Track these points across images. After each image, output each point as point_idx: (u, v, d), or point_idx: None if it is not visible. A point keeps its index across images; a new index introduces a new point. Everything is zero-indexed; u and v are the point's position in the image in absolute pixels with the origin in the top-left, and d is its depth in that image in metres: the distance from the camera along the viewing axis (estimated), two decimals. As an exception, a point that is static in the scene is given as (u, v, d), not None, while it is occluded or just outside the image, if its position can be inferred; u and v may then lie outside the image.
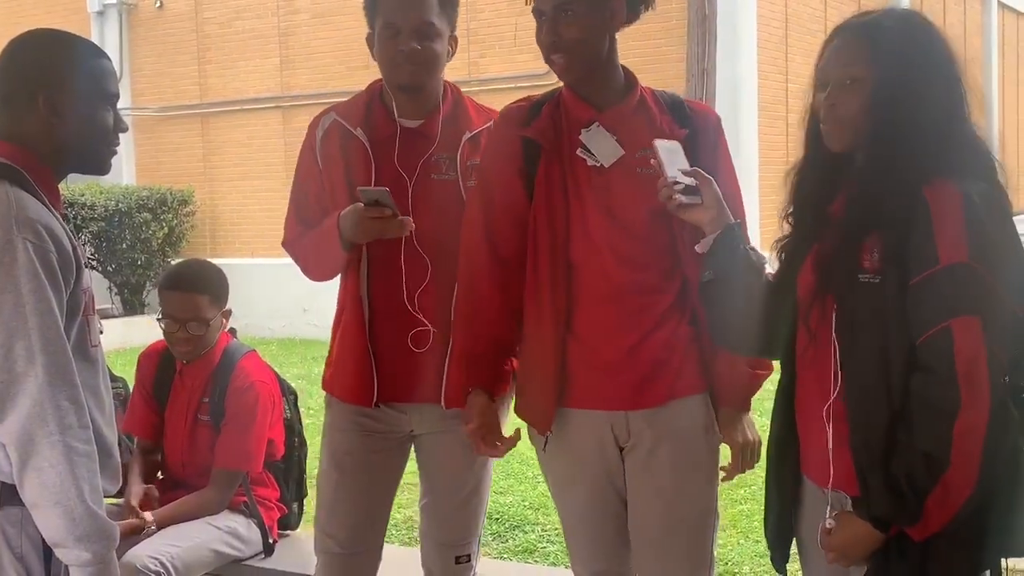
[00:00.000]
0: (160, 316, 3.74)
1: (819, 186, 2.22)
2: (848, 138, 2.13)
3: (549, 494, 2.89)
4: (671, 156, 2.39)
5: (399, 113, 2.89)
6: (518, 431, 2.76)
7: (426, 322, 2.87)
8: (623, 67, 2.66)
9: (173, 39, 14.10)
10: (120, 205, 12.44)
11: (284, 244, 3.04)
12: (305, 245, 2.95)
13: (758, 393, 2.65)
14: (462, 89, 3.04)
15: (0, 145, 2.22)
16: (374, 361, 2.89)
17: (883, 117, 2.07)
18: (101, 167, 2.32)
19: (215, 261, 4.02)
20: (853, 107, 2.10)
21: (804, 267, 2.22)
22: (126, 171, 14.13)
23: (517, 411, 2.77)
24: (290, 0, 13.36)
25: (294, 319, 12.19)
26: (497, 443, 2.73)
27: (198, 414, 3.73)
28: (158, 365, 3.84)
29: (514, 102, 2.75)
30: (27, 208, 2.12)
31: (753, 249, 2.36)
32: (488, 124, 2.89)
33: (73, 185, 12.90)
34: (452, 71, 2.96)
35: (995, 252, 1.98)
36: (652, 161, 2.39)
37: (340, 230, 2.78)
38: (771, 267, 2.36)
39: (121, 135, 2.35)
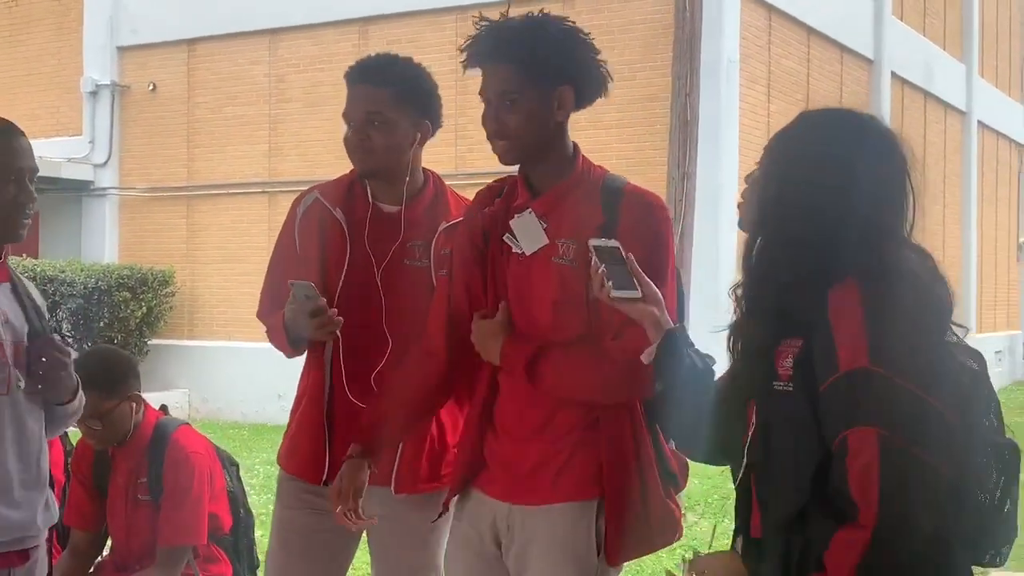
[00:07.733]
0: None
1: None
2: (751, 231, 2.13)
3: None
4: (607, 255, 2.27)
5: (375, 197, 2.95)
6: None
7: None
8: (574, 144, 2.58)
9: (164, 121, 14.20)
10: (99, 283, 12.37)
11: (258, 315, 3.08)
12: (269, 325, 3.00)
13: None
14: (449, 182, 3.09)
15: None
16: (328, 437, 2.89)
17: (768, 213, 2.06)
18: (7, 235, 2.67)
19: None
20: (752, 203, 2.14)
21: None
22: (108, 249, 14.11)
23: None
24: (282, 88, 13.54)
25: (267, 404, 12.05)
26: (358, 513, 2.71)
27: (137, 495, 3.67)
28: (94, 453, 3.79)
29: (492, 182, 2.73)
30: None
31: (698, 352, 2.28)
32: None
33: (53, 261, 12.88)
34: (439, 165, 3.02)
35: (908, 355, 1.89)
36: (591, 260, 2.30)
37: (286, 327, 2.86)
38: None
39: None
